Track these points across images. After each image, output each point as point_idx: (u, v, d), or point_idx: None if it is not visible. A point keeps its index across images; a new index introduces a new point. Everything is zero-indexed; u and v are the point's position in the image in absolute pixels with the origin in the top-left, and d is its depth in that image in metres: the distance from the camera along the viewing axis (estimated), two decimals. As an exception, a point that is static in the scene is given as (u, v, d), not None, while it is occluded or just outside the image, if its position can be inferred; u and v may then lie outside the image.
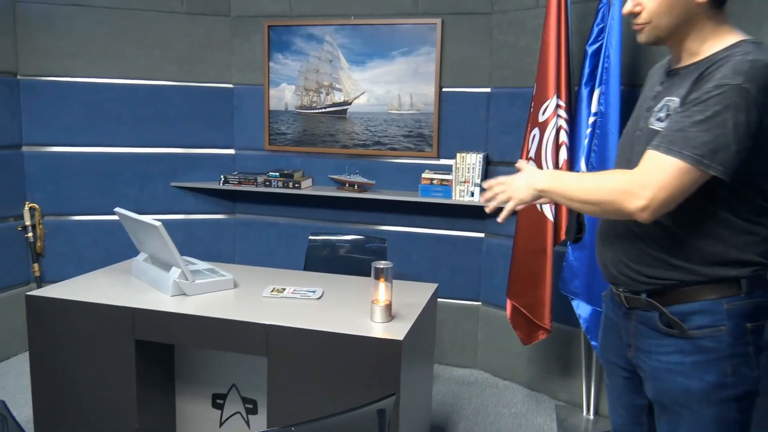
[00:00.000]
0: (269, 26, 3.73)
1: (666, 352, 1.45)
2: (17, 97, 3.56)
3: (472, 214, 3.53)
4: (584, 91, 2.68)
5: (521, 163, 1.66)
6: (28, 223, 3.61)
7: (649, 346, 1.49)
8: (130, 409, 2.24)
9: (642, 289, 1.49)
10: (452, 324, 3.66)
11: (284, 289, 2.41)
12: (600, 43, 2.62)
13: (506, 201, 1.59)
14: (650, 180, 1.32)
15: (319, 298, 2.35)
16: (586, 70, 2.67)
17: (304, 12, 3.70)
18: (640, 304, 1.50)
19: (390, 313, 2.12)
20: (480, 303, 3.61)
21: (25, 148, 3.62)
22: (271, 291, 2.39)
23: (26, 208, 3.61)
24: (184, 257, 2.68)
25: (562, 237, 2.73)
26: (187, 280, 2.32)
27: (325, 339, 2.01)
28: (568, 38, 2.74)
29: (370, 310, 2.11)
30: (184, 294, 2.31)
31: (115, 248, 3.68)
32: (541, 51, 2.78)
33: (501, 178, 1.64)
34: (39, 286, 3.58)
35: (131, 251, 2.68)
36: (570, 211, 1.69)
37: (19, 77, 3.57)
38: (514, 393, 3.34)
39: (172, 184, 3.85)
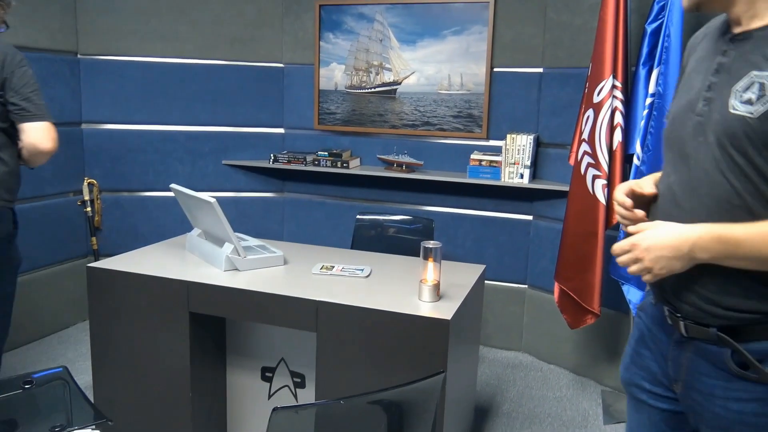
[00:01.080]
0: (320, 5, 3.74)
1: (737, 399, 1.18)
2: (77, 75, 3.67)
3: (520, 196, 3.49)
4: (642, 72, 2.61)
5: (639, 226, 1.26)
6: (86, 198, 3.74)
7: (710, 387, 1.22)
8: (184, 378, 2.31)
9: (714, 323, 1.20)
10: (498, 306, 3.65)
11: (333, 267, 2.44)
12: (660, 21, 2.54)
13: (643, 273, 1.23)
14: None
15: (368, 276, 2.37)
16: (645, 50, 2.60)
17: (355, -9, 3.69)
18: (706, 336, 1.22)
19: (438, 293, 2.12)
20: (526, 286, 3.59)
21: (84, 126, 3.75)
22: (321, 268, 2.42)
23: (85, 183, 3.74)
24: (236, 234, 2.75)
25: (614, 221, 2.68)
26: (239, 255, 2.37)
27: (373, 316, 2.03)
28: (627, 16, 2.66)
29: (419, 289, 2.12)
30: (236, 269, 2.37)
31: (169, 224, 3.79)
32: (598, 30, 2.71)
33: (632, 240, 1.23)
34: (96, 259, 3.72)
35: (183, 227, 2.76)
36: None
37: (79, 56, 3.68)
38: (559, 377, 3.32)
39: (223, 162, 3.93)
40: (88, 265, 2.41)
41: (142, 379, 2.38)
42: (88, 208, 3.76)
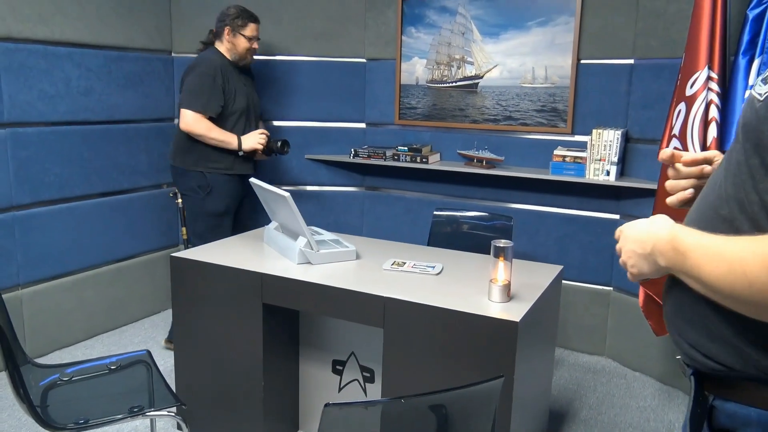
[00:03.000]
0: (403, 0, 3.72)
1: None
2: (171, 73, 3.86)
3: (606, 194, 3.33)
4: (741, 62, 2.41)
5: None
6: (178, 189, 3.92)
7: None
8: (257, 367, 2.38)
9: (692, 365, 1.00)
10: (580, 308, 3.51)
11: (404, 263, 2.43)
12: (764, 6, 2.34)
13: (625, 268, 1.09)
14: None
15: (438, 273, 2.34)
16: (746, 38, 2.40)
17: (438, -16, 3.64)
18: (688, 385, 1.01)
19: (508, 293, 2.06)
20: (611, 288, 3.42)
21: (177, 121, 3.92)
22: (392, 264, 2.41)
23: (177, 175, 3.92)
24: (311, 227, 2.79)
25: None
26: (312, 249, 2.40)
27: (440, 315, 2.00)
28: (726, 2, 2.46)
29: (488, 288, 2.07)
30: (309, 262, 2.40)
31: (254, 216, 3.91)
32: (693, 17, 2.53)
33: (620, 227, 1.11)
34: (186, 248, 3.90)
35: (265, 220, 2.83)
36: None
37: (173, 55, 3.86)
38: (644, 385, 3.14)
39: (306, 156, 4.01)
40: (172, 254, 2.52)
41: (218, 366, 2.47)
42: (179, 200, 3.94)
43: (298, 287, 2.26)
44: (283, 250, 2.54)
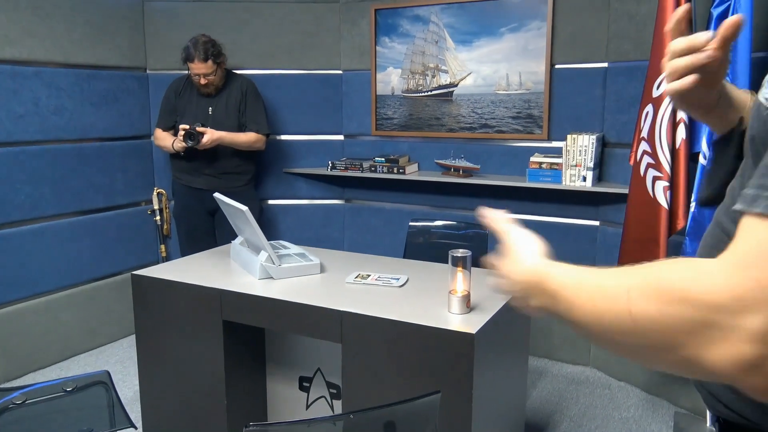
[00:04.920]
0: (376, 10, 3.69)
1: None
2: (146, 90, 3.84)
3: (584, 201, 3.27)
4: (707, 61, 2.34)
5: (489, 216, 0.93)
6: (156, 207, 3.89)
7: None
8: (220, 386, 2.32)
9: (715, 414, 0.90)
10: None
11: (368, 276, 2.37)
12: (727, 4, 2.28)
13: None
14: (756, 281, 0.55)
15: (402, 285, 2.28)
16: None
17: (411, -7, 3.62)
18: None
19: (468, 304, 2.00)
20: (594, 296, 3.34)
21: (153, 138, 3.90)
22: (355, 277, 2.36)
23: (155, 193, 3.90)
24: (279, 241, 2.75)
25: (679, 226, 2.43)
26: (273, 263, 2.35)
27: (397, 328, 1.94)
28: (690, 1, 2.41)
29: (448, 300, 2.01)
30: (271, 277, 2.35)
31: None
32: (658, 18, 2.48)
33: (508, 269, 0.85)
34: (165, 266, 3.86)
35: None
36: None
37: (148, 71, 3.84)
38: (629, 395, 3.06)
39: (284, 170, 3.97)
40: (133, 273, 2.48)
41: (181, 386, 2.41)
42: (157, 217, 3.91)
43: (257, 303, 2.20)
44: (246, 265, 2.49)
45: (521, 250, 0.84)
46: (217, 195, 2.59)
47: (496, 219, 0.91)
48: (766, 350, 0.53)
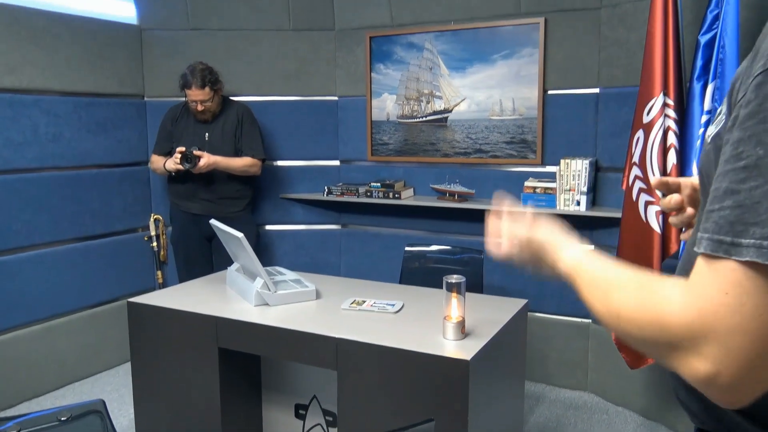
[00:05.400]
0: (371, 37, 3.75)
1: None
2: (144, 117, 3.87)
3: (578, 225, 3.28)
4: (696, 87, 2.39)
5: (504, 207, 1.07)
6: (153, 233, 3.90)
7: None
8: (215, 414, 2.31)
9: (695, 422, 0.94)
10: (561, 342, 3.43)
11: (364, 302, 2.38)
12: (714, 32, 2.33)
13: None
14: (710, 314, 0.64)
15: (398, 311, 2.29)
16: (699, 63, 2.38)
17: (405, 21, 3.67)
18: None
19: (463, 330, 2.00)
20: (590, 320, 3.35)
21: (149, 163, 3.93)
22: (351, 303, 2.36)
23: (152, 219, 3.91)
24: (274, 267, 2.76)
25: (672, 250, 2.44)
26: (269, 290, 2.36)
27: (392, 355, 1.95)
28: (678, 28, 2.46)
29: (443, 326, 2.01)
30: (267, 304, 2.36)
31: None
32: (646, 45, 2.52)
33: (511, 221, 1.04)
34: (162, 292, 3.86)
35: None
36: None
37: (145, 99, 3.88)
38: (627, 420, 3.05)
39: (281, 195, 3.99)
40: (129, 300, 2.48)
41: (177, 414, 2.40)
42: (154, 243, 3.92)
43: (252, 330, 2.20)
44: (242, 292, 2.49)
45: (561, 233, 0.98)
46: (213, 222, 2.60)
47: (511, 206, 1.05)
48: (716, 368, 0.63)
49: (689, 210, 1.07)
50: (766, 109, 0.63)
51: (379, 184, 3.68)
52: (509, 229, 1.03)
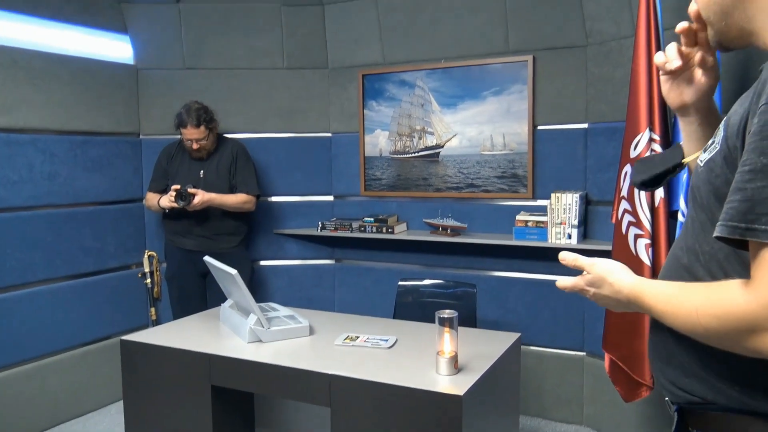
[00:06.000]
0: (363, 75, 3.82)
1: None
2: (139, 154, 3.91)
3: (571, 258, 3.31)
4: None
5: (567, 257, 1.19)
6: (147, 270, 3.91)
7: None
8: (208, 453, 2.29)
9: (674, 400, 1.11)
10: (555, 375, 3.42)
11: (357, 337, 2.38)
12: (696, 69, 2.38)
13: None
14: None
15: (391, 347, 2.29)
16: (682, 100, 2.43)
17: (397, 59, 3.75)
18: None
19: (456, 365, 2.01)
20: (584, 353, 3.35)
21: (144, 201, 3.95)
22: (344, 339, 2.37)
23: (146, 256, 3.92)
24: (268, 303, 2.77)
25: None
26: (263, 327, 2.36)
27: (386, 391, 1.95)
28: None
29: (436, 362, 2.02)
30: (260, 341, 2.36)
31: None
32: (631, 82, 2.59)
33: (588, 279, 1.16)
34: (155, 329, 3.84)
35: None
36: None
37: (141, 137, 3.93)
38: (623, 455, 3.03)
39: (275, 231, 4.01)
40: (122, 338, 2.48)
41: (169, 453, 2.38)
42: (148, 280, 3.92)
43: (246, 367, 2.20)
44: (235, 328, 2.50)
45: (614, 273, 1.11)
46: (207, 258, 2.62)
47: (576, 258, 1.18)
48: None
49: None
50: (766, 128, 0.82)
51: (372, 219, 3.70)
52: (582, 288, 1.18)
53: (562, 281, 1.20)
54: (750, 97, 0.91)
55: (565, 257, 1.19)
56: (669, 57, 1.19)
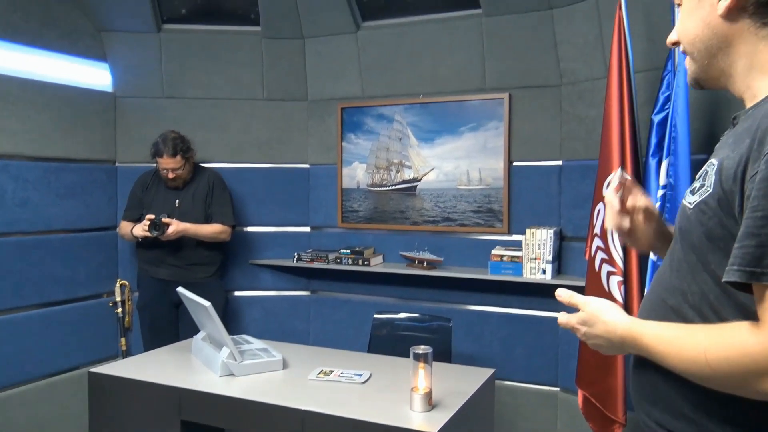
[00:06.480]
0: (342, 108, 3.86)
1: None
2: (114, 182, 3.87)
3: (545, 293, 3.34)
4: (652, 163, 2.51)
5: (563, 294, 1.22)
6: (118, 299, 3.84)
7: None
8: (175, 491, 2.23)
9: None
10: (529, 411, 3.42)
11: (331, 372, 2.36)
12: (666, 112, 2.46)
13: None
14: None
15: (365, 382, 2.28)
16: (653, 141, 2.51)
17: (375, 93, 3.80)
18: None
19: (430, 402, 2.00)
20: (558, 389, 3.36)
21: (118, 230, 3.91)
22: (318, 374, 2.35)
23: (117, 285, 3.85)
24: (242, 336, 2.73)
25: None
26: (235, 360, 2.33)
27: (360, 428, 1.92)
28: (633, 108, 2.60)
29: (410, 398, 2.01)
30: (233, 374, 2.32)
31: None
32: (604, 122, 2.65)
33: (580, 317, 1.16)
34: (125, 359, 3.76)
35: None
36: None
37: (117, 164, 3.89)
38: (596, 492, 3.01)
39: (251, 261, 3.98)
40: (90, 370, 2.42)
41: (135, 491, 2.31)
42: (119, 309, 3.85)
43: (217, 402, 2.17)
44: (207, 361, 2.46)
45: (608, 313, 1.11)
46: (180, 290, 2.59)
47: (572, 295, 1.20)
48: None
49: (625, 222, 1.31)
50: None
51: (348, 251, 3.70)
52: (573, 326, 1.19)
53: (561, 317, 1.22)
54: (747, 143, 0.93)
55: (560, 294, 1.21)
56: (616, 222, 1.32)
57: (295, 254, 3.84)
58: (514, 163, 3.44)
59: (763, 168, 0.86)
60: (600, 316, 1.11)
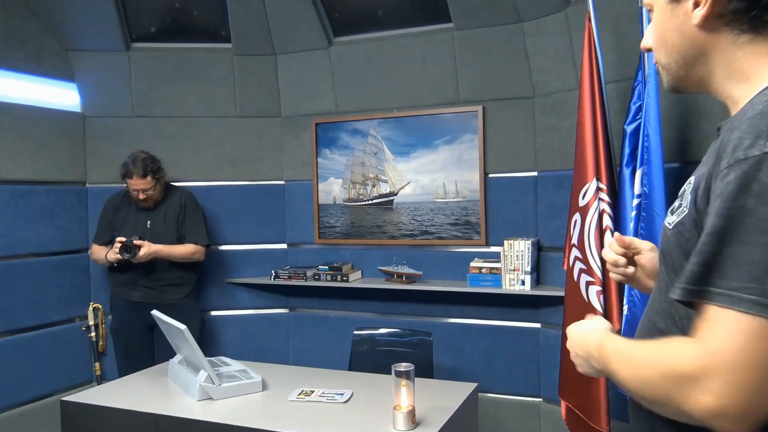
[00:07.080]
0: (317, 124, 3.84)
1: None
2: (85, 204, 3.79)
3: (525, 304, 3.34)
4: (626, 172, 2.53)
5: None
6: (91, 323, 3.75)
7: None
8: None
9: None
10: (512, 422, 3.40)
11: (312, 392, 2.32)
12: (638, 122, 2.48)
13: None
14: (716, 353, 0.81)
15: (347, 401, 2.24)
16: (626, 150, 2.53)
17: (350, 108, 3.79)
18: None
19: (413, 420, 1.97)
20: (541, 399, 3.35)
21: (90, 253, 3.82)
22: (298, 394, 2.30)
23: (90, 308, 3.76)
24: (219, 357, 2.68)
25: (615, 329, 2.50)
26: (213, 383, 2.28)
27: (342, 449, 1.89)
28: (606, 118, 2.62)
29: (393, 416, 1.98)
30: (211, 398, 2.27)
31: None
32: (577, 133, 2.67)
33: (573, 324, 1.18)
34: (99, 384, 3.66)
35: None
36: None
37: (87, 185, 3.82)
38: (582, 503, 3.00)
39: (227, 280, 3.92)
40: (62, 398, 2.35)
41: None
42: (93, 333, 3.76)
43: (195, 427, 2.11)
44: (184, 386, 2.40)
45: (595, 321, 1.14)
46: (154, 313, 2.53)
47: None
48: (725, 402, 0.79)
49: (630, 269, 1.32)
50: (726, 191, 0.82)
51: (326, 267, 3.67)
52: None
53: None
54: (713, 159, 0.90)
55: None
56: (619, 268, 1.34)
57: (273, 272, 3.79)
58: (490, 175, 3.45)
59: (719, 185, 0.84)
60: (586, 322, 1.15)
